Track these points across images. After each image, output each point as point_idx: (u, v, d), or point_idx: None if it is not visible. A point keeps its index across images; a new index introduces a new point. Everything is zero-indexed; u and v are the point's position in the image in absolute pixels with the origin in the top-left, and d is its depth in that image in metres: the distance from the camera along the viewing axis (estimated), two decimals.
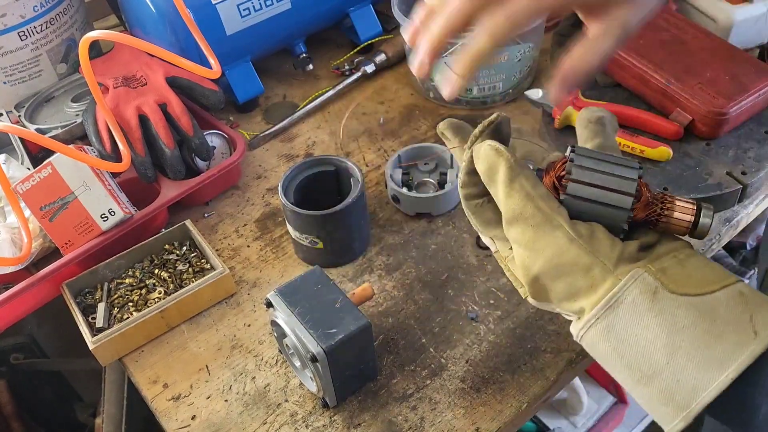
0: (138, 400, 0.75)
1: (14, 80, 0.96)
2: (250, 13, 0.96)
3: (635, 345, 0.43)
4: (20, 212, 0.73)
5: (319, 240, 0.76)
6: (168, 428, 0.67)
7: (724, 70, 0.85)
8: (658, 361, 0.42)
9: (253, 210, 0.89)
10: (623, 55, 0.88)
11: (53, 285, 0.76)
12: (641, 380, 0.43)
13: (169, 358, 0.73)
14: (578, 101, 0.87)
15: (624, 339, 0.44)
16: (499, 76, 0.96)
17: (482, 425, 0.64)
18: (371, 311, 0.75)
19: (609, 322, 0.44)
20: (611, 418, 1.43)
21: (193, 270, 0.78)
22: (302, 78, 1.10)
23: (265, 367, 0.71)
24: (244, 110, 1.04)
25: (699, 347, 0.41)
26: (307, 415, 0.66)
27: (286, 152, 0.97)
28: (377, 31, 1.10)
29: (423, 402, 0.66)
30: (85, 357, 0.77)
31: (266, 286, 0.79)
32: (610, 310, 0.44)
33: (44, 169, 0.73)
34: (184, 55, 0.78)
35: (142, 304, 0.75)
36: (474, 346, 0.70)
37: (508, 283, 0.76)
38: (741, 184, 0.78)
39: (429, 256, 0.80)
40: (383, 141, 0.96)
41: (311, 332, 0.61)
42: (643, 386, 0.43)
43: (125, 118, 0.82)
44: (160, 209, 0.82)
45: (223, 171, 0.86)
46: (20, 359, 1.23)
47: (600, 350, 0.46)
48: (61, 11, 0.96)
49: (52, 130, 0.89)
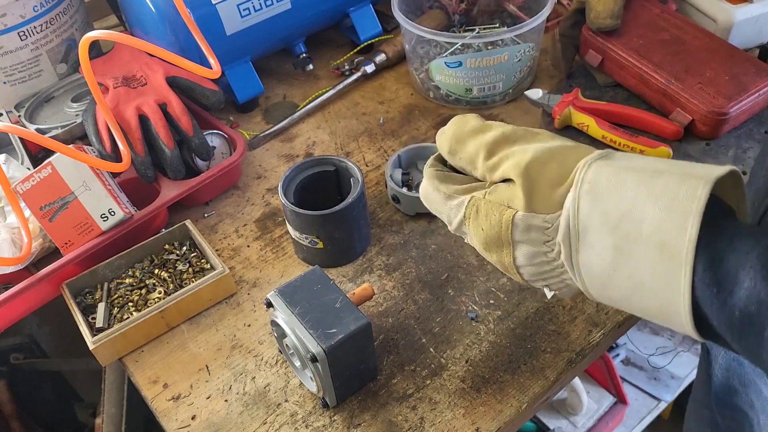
0: (138, 400, 0.75)
1: (14, 80, 0.96)
2: (250, 13, 0.96)
3: (640, 159, 0.45)
4: (20, 212, 0.73)
5: (319, 240, 0.76)
6: (168, 428, 0.67)
7: (724, 70, 0.85)
8: (661, 166, 0.43)
9: (253, 210, 0.89)
10: (623, 55, 0.88)
11: (53, 285, 0.76)
12: (654, 175, 0.42)
13: (169, 358, 0.73)
14: (578, 101, 0.87)
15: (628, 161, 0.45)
16: (499, 76, 0.96)
17: (482, 425, 0.64)
18: (371, 311, 0.75)
19: (606, 159, 0.46)
20: (611, 418, 1.43)
21: (193, 270, 0.78)
22: (302, 78, 1.10)
23: (265, 367, 0.71)
24: (244, 110, 1.04)
25: (683, 167, 0.42)
26: (307, 415, 0.66)
27: (286, 152, 0.97)
28: (377, 31, 1.10)
29: (423, 402, 0.66)
30: (85, 357, 0.77)
31: (266, 286, 0.79)
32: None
33: (44, 169, 0.73)
34: (184, 55, 0.78)
35: (142, 304, 0.75)
36: (474, 346, 0.70)
37: (508, 283, 0.76)
38: None
39: (429, 256, 0.80)
40: (383, 141, 0.96)
41: (311, 332, 0.61)
42: (657, 177, 0.42)
43: (125, 118, 0.82)
44: (160, 209, 0.82)
45: (223, 171, 0.86)
46: (20, 359, 1.23)
47: (605, 172, 0.45)
48: (61, 11, 0.96)
49: (52, 130, 0.89)
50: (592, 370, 1.45)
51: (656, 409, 1.45)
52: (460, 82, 0.97)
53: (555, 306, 0.73)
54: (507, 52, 0.94)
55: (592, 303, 0.73)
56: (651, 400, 1.46)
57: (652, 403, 1.46)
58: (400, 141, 0.96)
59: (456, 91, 0.98)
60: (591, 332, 0.70)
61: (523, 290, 0.75)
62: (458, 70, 0.95)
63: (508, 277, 0.76)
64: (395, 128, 0.98)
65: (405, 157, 0.87)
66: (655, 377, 1.48)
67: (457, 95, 0.99)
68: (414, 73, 1.03)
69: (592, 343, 0.70)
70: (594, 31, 0.91)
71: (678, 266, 0.40)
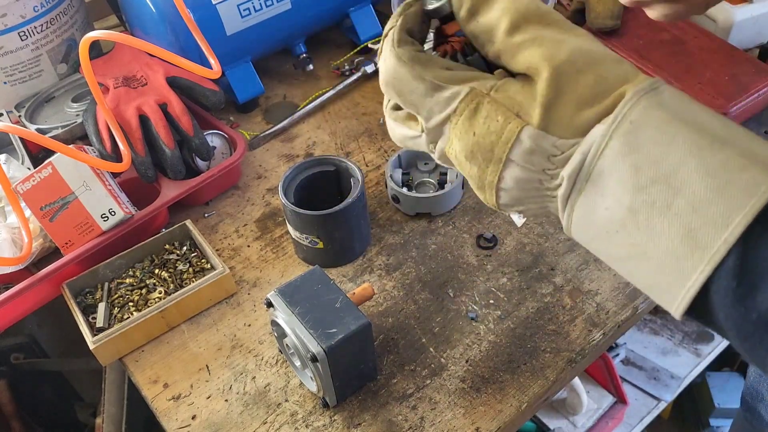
0: (138, 399, 0.75)
1: (15, 80, 0.96)
2: (251, 13, 0.96)
3: (700, 112, 0.36)
4: (21, 212, 0.73)
5: (319, 240, 0.77)
6: (168, 428, 0.67)
7: (724, 70, 0.85)
8: (723, 131, 0.35)
9: (254, 210, 0.89)
10: (623, 55, 0.88)
11: (53, 285, 0.76)
12: (713, 144, 0.34)
13: (170, 358, 0.73)
14: None
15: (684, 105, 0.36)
16: None
17: (482, 425, 0.64)
18: (371, 311, 0.75)
19: (659, 97, 0.36)
20: (611, 418, 1.43)
21: (193, 270, 0.78)
22: (302, 78, 1.10)
23: (266, 367, 0.71)
24: (244, 110, 1.04)
25: (748, 141, 0.35)
26: (307, 414, 0.67)
27: (286, 152, 0.97)
28: (377, 31, 1.10)
29: (423, 402, 0.66)
30: (86, 357, 0.77)
31: (266, 286, 0.79)
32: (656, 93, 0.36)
33: (45, 169, 0.73)
34: (185, 55, 0.78)
35: (142, 304, 0.75)
36: (474, 346, 0.71)
37: (508, 283, 0.76)
38: None
39: (429, 256, 0.80)
40: (383, 141, 0.96)
41: (311, 332, 0.61)
42: (717, 148, 0.34)
43: (125, 118, 0.83)
44: (161, 209, 0.82)
45: (224, 171, 0.86)
46: (20, 359, 1.23)
47: (655, 117, 0.36)
48: (61, 11, 0.96)
49: (52, 130, 0.89)
50: (592, 370, 1.45)
51: (656, 409, 1.45)
52: None
53: (555, 306, 0.73)
54: None
55: (592, 303, 0.73)
56: (651, 400, 1.46)
57: (652, 403, 1.45)
58: None
59: None
60: (591, 332, 0.71)
61: (523, 290, 0.75)
62: None
63: (508, 277, 0.76)
64: None
65: (405, 157, 0.87)
66: (655, 377, 1.48)
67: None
68: None
69: (592, 343, 0.70)
70: (594, 32, 0.91)
71: (699, 260, 0.33)
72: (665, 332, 1.54)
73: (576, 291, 0.74)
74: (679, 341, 1.52)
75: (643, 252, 0.36)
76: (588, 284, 0.75)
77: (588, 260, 0.77)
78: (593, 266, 0.77)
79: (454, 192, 0.83)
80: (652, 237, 0.35)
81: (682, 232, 0.34)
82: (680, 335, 1.52)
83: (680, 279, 0.34)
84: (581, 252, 0.78)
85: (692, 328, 1.51)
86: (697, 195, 0.33)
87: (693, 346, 1.50)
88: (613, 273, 0.75)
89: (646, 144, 0.35)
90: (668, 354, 1.50)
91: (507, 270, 0.77)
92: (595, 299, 0.73)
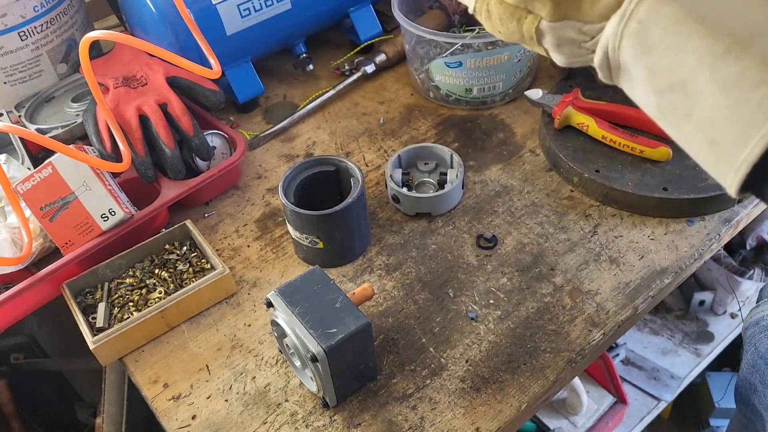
0: (138, 399, 0.75)
1: (14, 80, 0.96)
2: (251, 13, 0.96)
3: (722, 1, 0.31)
4: (21, 212, 0.73)
5: (319, 240, 0.77)
6: (168, 428, 0.67)
7: None
8: (743, 30, 0.30)
9: (254, 210, 0.89)
10: None
11: (53, 285, 0.76)
12: (730, 50, 0.30)
13: (170, 358, 0.73)
14: (578, 101, 0.87)
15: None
16: (499, 76, 0.96)
17: (482, 425, 0.64)
18: (371, 311, 0.75)
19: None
20: (611, 418, 1.43)
21: (193, 270, 0.78)
22: (302, 78, 1.10)
23: (265, 367, 0.71)
24: (244, 110, 1.04)
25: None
26: (307, 414, 0.67)
27: (286, 152, 0.97)
28: (377, 31, 1.10)
29: (423, 402, 0.66)
30: (85, 357, 0.77)
31: (266, 286, 0.79)
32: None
33: (44, 169, 0.73)
34: (184, 55, 0.78)
35: (142, 304, 0.75)
36: (474, 346, 0.71)
37: (508, 283, 0.76)
38: None
39: (429, 256, 0.80)
40: (383, 141, 0.96)
41: (311, 332, 0.61)
42: (734, 56, 0.30)
43: (125, 118, 0.83)
44: (161, 209, 0.82)
45: (224, 171, 0.86)
46: (20, 359, 1.23)
47: (664, 15, 0.32)
48: (61, 11, 0.96)
49: (52, 130, 0.89)
50: (592, 370, 1.45)
51: (656, 408, 1.45)
52: (460, 82, 0.97)
53: (555, 306, 0.73)
54: (507, 52, 0.94)
55: (592, 303, 0.73)
56: (651, 400, 1.46)
57: (652, 403, 1.45)
58: (400, 141, 0.96)
59: (456, 91, 0.98)
60: (591, 332, 0.71)
61: (523, 290, 0.75)
62: (458, 70, 0.95)
63: (508, 277, 0.76)
64: (395, 128, 0.98)
65: (405, 157, 0.87)
66: (655, 377, 1.48)
67: (457, 95, 0.99)
68: (414, 73, 1.03)
69: (592, 343, 0.70)
70: None
71: (724, 175, 0.32)
72: (665, 332, 1.54)
73: (576, 291, 0.74)
74: (679, 341, 1.52)
75: (687, 140, 0.35)
76: (588, 284, 0.75)
77: (588, 260, 0.77)
78: (593, 266, 0.77)
79: (454, 192, 0.83)
80: (681, 137, 0.34)
81: (708, 140, 0.32)
82: (680, 335, 1.52)
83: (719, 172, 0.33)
84: (581, 252, 0.78)
85: (692, 328, 1.51)
86: (712, 109, 0.31)
87: (693, 346, 1.50)
88: (613, 273, 0.75)
89: (657, 47, 0.32)
90: (668, 354, 1.50)
91: (507, 270, 0.77)
92: (595, 299, 0.73)
